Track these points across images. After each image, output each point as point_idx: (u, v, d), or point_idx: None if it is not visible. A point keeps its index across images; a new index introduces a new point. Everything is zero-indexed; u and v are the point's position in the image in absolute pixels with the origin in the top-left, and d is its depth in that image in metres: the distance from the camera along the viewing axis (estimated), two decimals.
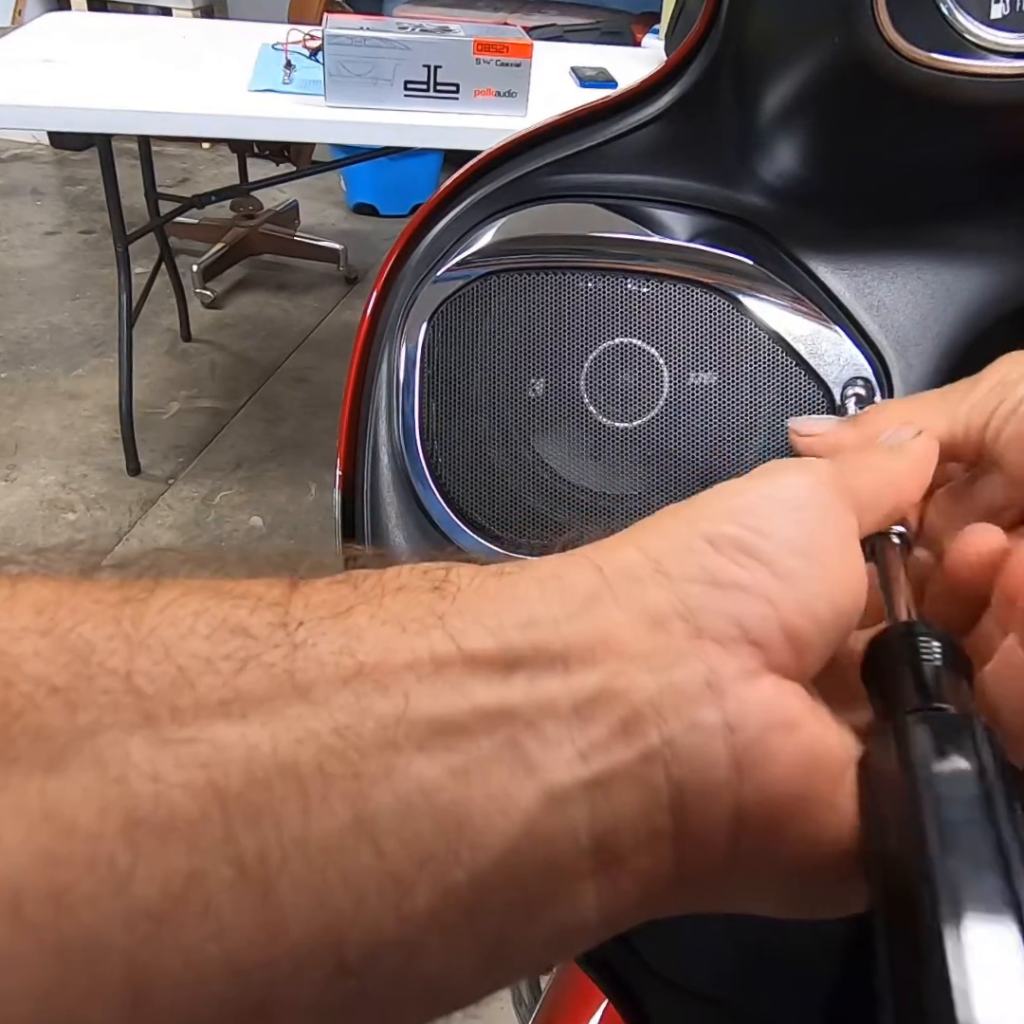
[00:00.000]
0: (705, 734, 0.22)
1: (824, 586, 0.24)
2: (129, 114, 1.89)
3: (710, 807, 0.22)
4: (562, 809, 0.21)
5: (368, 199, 3.86)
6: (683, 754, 0.22)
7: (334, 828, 0.19)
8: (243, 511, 2.36)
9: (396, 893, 0.19)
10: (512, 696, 0.21)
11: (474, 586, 0.23)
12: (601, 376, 0.42)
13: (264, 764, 0.19)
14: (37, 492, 2.35)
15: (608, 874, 0.21)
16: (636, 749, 0.21)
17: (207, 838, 0.18)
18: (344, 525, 0.43)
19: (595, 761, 0.21)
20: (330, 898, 0.19)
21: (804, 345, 0.41)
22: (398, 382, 0.42)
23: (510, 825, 0.20)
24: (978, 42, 0.34)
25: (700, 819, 0.22)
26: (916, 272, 0.42)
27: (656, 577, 0.23)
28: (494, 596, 0.23)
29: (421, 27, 1.90)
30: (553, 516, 0.42)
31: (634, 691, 0.22)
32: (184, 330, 2.97)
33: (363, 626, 0.21)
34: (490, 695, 0.21)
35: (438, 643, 0.21)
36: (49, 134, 4.09)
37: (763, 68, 0.40)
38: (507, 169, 0.44)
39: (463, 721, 0.20)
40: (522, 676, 0.21)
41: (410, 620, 0.21)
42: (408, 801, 0.19)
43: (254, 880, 0.18)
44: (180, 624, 0.20)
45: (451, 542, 0.42)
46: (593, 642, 0.22)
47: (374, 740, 0.20)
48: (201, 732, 0.19)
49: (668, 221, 0.44)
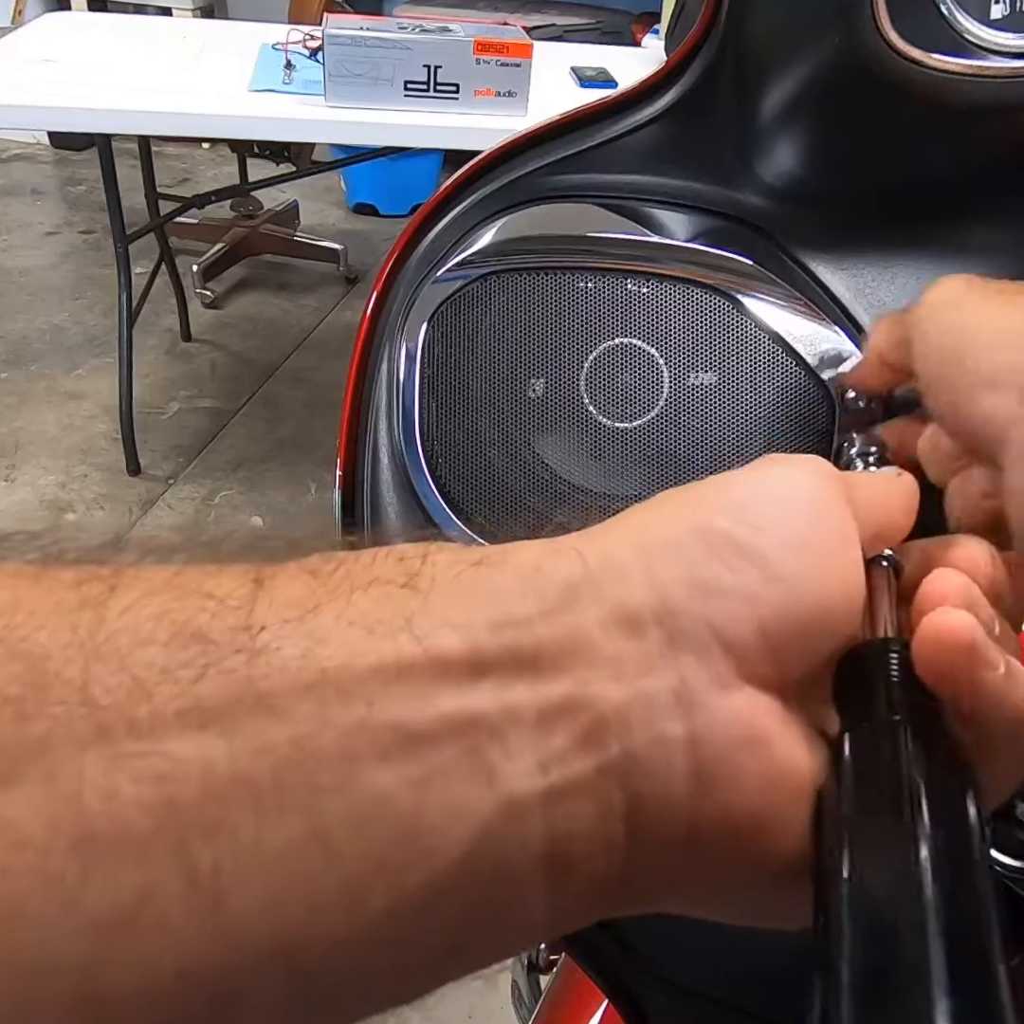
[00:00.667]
0: (668, 748, 0.22)
1: (818, 586, 0.24)
2: (129, 114, 1.89)
3: (666, 820, 0.22)
4: (518, 819, 0.20)
5: (368, 199, 3.86)
6: (643, 767, 0.21)
7: (289, 839, 0.19)
8: (243, 511, 2.36)
9: (351, 900, 0.19)
10: (479, 703, 0.21)
11: (449, 577, 0.22)
12: (601, 376, 0.42)
13: (220, 776, 0.18)
14: (37, 492, 2.35)
15: (559, 880, 0.21)
16: (595, 761, 0.21)
17: (160, 852, 0.18)
18: (344, 525, 0.43)
19: (553, 772, 0.21)
20: (284, 907, 0.19)
21: (804, 345, 0.41)
22: (398, 382, 0.42)
23: (466, 833, 0.20)
24: (978, 42, 0.34)
25: (655, 831, 0.22)
26: (916, 272, 0.42)
27: (640, 572, 0.23)
28: (469, 590, 0.22)
29: (421, 27, 1.90)
30: (553, 516, 0.42)
31: (601, 700, 0.21)
32: (184, 330, 2.97)
33: (329, 627, 0.21)
34: (456, 702, 0.21)
35: (405, 646, 0.21)
36: (49, 134, 4.09)
37: (763, 68, 0.40)
38: (507, 169, 0.44)
39: (427, 729, 0.20)
40: (490, 681, 0.21)
41: (377, 620, 0.21)
42: (365, 811, 0.19)
43: (207, 892, 0.18)
44: (139, 630, 0.19)
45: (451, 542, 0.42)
46: (566, 644, 0.22)
47: (334, 750, 0.19)
48: (157, 745, 0.18)
49: (668, 221, 0.44)
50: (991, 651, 0.23)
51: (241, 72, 2.04)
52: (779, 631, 0.23)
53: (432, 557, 0.23)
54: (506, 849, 0.21)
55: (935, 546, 0.30)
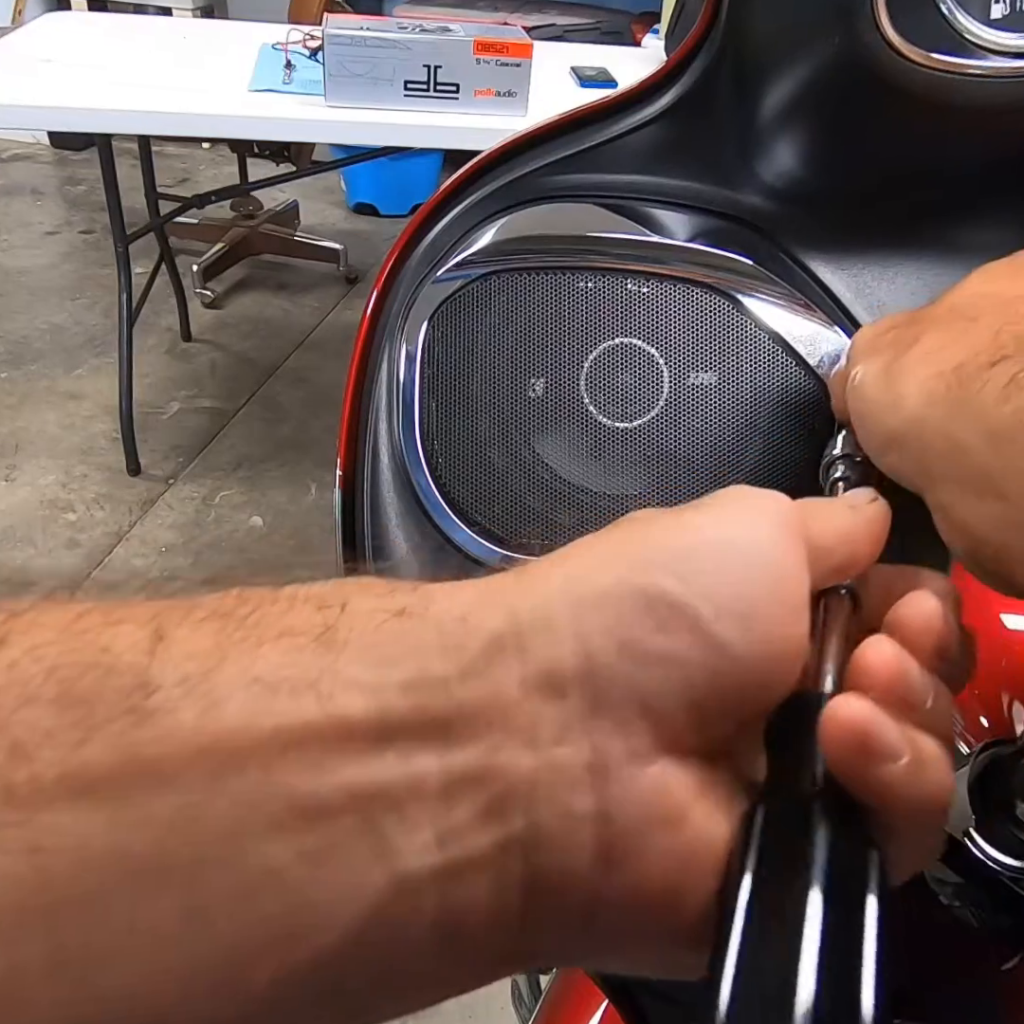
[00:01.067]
0: (574, 823, 0.21)
1: (756, 653, 0.23)
2: (129, 114, 1.89)
3: (567, 893, 0.21)
4: (411, 895, 0.20)
5: (368, 199, 3.86)
6: (546, 842, 0.21)
7: (166, 914, 0.18)
8: (243, 511, 2.36)
9: (231, 976, 0.18)
10: (381, 773, 0.20)
11: (368, 629, 0.21)
12: (601, 376, 0.42)
13: (96, 849, 0.18)
14: (37, 492, 2.35)
15: (452, 949, 0.21)
16: (496, 835, 0.21)
17: (27, 931, 0.17)
18: (344, 525, 0.43)
19: (451, 847, 0.20)
20: (156, 985, 0.18)
21: (804, 345, 0.41)
22: (398, 382, 0.42)
23: (356, 908, 0.19)
24: (978, 42, 0.34)
25: (555, 903, 0.21)
26: (916, 272, 0.42)
27: (569, 629, 0.22)
28: (387, 644, 0.21)
29: (421, 27, 1.90)
30: (553, 516, 0.42)
31: (510, 770, 0.21)
32: (184, 330, 2.97)
33: (230, 685, 0.20)
34: (357, 772, 0.20)
35: (308, 709, 0.20)
36: (49, 134, 4.09)
37: (763, 68, 0.40)
38: (507, 169, 0.44)
39: (323, 801, 0.19)
40: (396, 748, 0.20)
41: (284, 678, 0.20)
42: (253, 884, 0.19)
43: (73, 969, 0.17)
44: (28, 684, 0.18)
45: (451, 542, 0.42)
46: (482, 707, 0.21)
47: (223, 821, 0.19)
48: (33, 814, 0.17)
49: (668, 221, 0.44)
50: (891, 743, 0.22)
51: (241, 72, 2.04)
52: (709, 699, 0.22)
53: (352, 605, 0.22)
54: (397, 923, 0.20)
55: (899, 578, 0.30)
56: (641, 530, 0.25)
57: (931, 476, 0.30)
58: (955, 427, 0.28)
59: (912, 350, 0.32)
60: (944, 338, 0.31)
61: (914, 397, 0.30)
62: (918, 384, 0.30)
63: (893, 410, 0.31)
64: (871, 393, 0.33)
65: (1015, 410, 0.26)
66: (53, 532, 2.24)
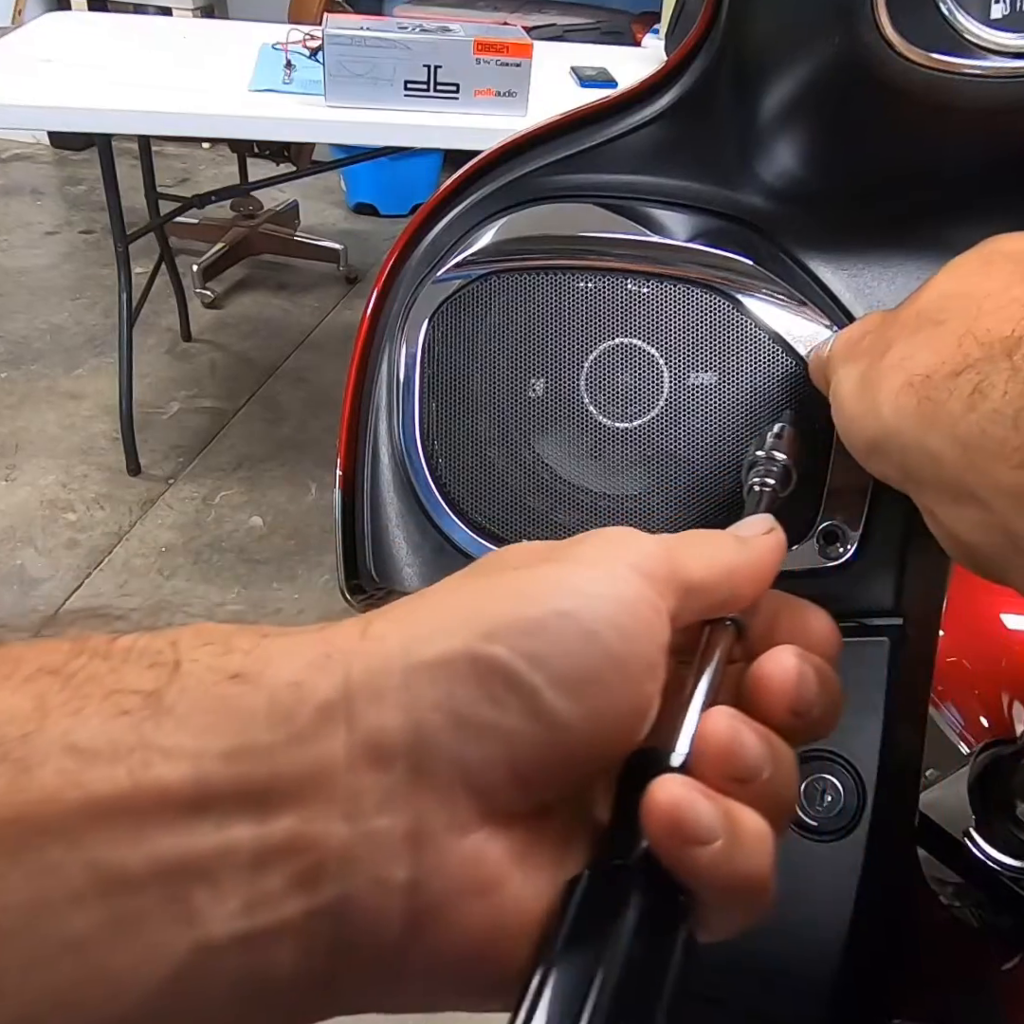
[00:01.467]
0: (386, 892, 0.21)
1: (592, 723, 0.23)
2: (129, 114, 1.89)
3: (374, 958, 0.22)
4: (214, 960, 0.20)
5: (368, 199, 3.86)
6: (357, 910, 0.21)
7: None
8: (243, 511, 2.36)
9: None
10: (192, 844, 0.20)
11: (199, 693, 0.21)
12: (601, 376, 0.42)
13: None
14: (37, 492, 2.35)
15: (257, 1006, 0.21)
16: (306, 904, 0.21)
17: None
18: (344, 525, 0.43)
19: (259, 915, 0.20)
20: None
21: (804, 345, 0.41)
22: (398, 382, 0.42)
23: (157, 973, 0.19)
24: (978, 42, 0.34)
25: (361, 966, 0.22)
26: (916, 272, 0.42)
27: (400, 696, 0.22)
28: (216, 710, 0.21)
29: (421, 27, 1.90)
30: (553, 516, 0.42)
31: (324, 841, 0.21)
32: (184, 330, 2.97)
33: (46, 752, 0.19)
34: (167, 843, 0.20)
35: (123, 779, 0.20)
36: (49, 134, 4.09)
37: (763, 68, 0.40)
38: (507, 169, 0.44)
39: (129, 872, 0.19)
40: (211, 818, 0.20)
41: (102, 746, 0.20)
42: (48, 954, 0.19)
43: None
44: None
45: (451, 542, 0.42)
46: (304, 777, 0.21)
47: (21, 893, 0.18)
48: None
49: (668, 221, 0.44)
50: (704, 826, 0.22)
51: (241, 72, 2.04)
52: (536, 769, 0.23)
53: (185, 666, 0.22)
54: (198, 985, 0.20)
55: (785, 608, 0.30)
56: (488, 592, 0.25)
57: (914, 482, 0.31)
58: (927, 438, 0.29)
59: (884, 359, 0.32)
60: (912, 345, 0.31)
61: (888, 408, 0.31)
62: (890, 395, 0.31)
63: (871, 420, 0.32)
64: (849, 403, 0.33)
65: (980, 419, 0.27)
66: (53, 532, 2.24)
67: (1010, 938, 0.44)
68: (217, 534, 2.28)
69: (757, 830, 0.23)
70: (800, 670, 0.27)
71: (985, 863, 0.45)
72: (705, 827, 0.22)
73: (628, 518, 0.42)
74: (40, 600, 2.05)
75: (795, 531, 0.41)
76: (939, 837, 0.47)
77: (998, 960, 0.44)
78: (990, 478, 0.27)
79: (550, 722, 0.22)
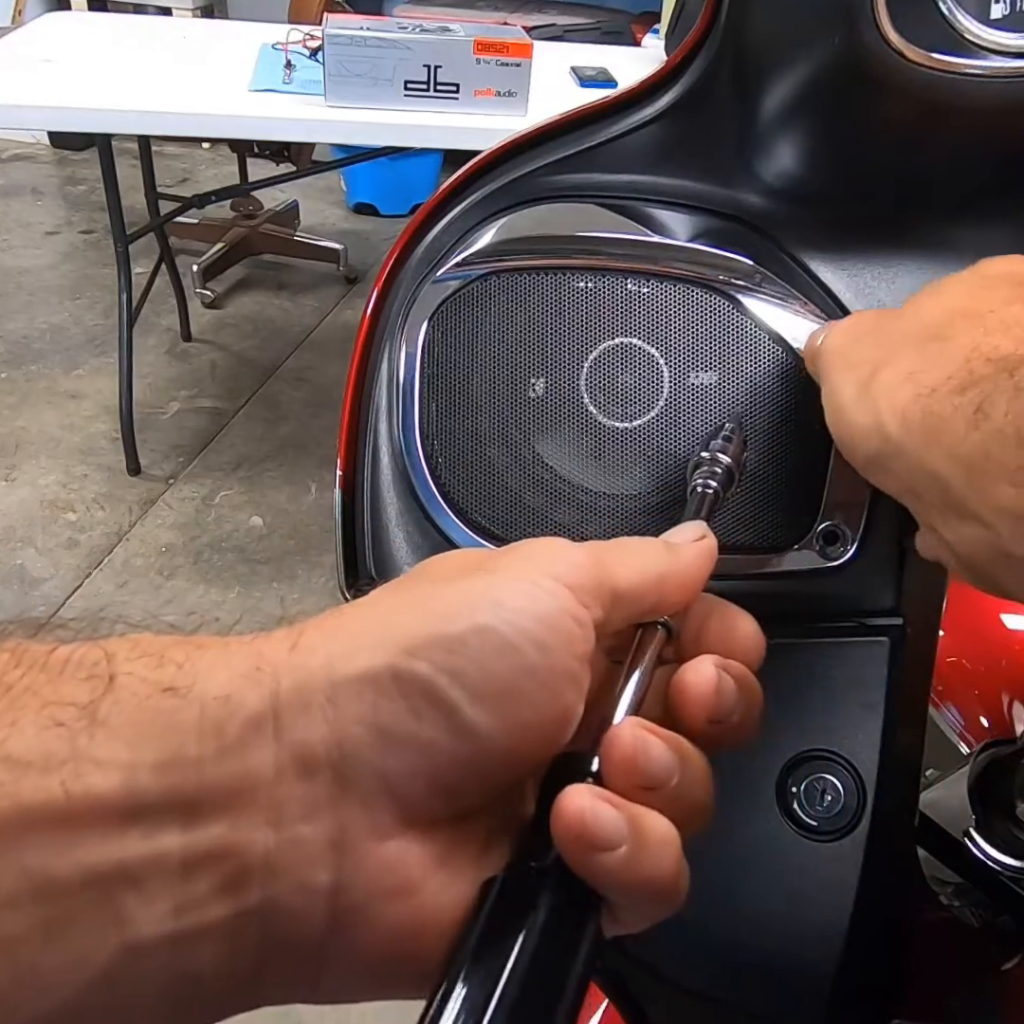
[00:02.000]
0: (310, 895, 0.22)
1: (511, 736, 0.24)
2: (129, 114, 1.89)
3: (298, 957, 0.23)
4: (142, 960, 0.21)
5: (368, 199, 3.86)
6: (282, 913, 0.22)
7: None
8: (243, 511, 2.36)
9: None
10: (123, 851, 0.21)
11: (132, 705, 0.22)
12: (601, 376, 0.42)
13: None
14: (37, 492, 2.35)
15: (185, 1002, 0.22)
16: (232, 907, 0.22)
17: None
18: (344, 525, 0.43)
19: (186, 918, 0.21)
20: None
21: (804, 345, 0.41)
22: (398, 382, 0.42)
23: (86, 974, 0.20)
24: (978, 42, 0.34)
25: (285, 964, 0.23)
26: (916, 272, 0.42)
27: (326, 710, 0.23)
28: (148, 722, 0.22)
29: (421, 27, 1.91)
30: (553, 516, 0.42)
31: (250, 848, 0.22)
32: (184, 330, 2.97)
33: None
34: (98, 851, 0.20)
35: (55, 789, 0.20)
36: (49, 134, 4.09)
37: (763, 68, 0.40)
38: (507, 169, 0.44)
39: (60, 878, 0.20)
40: (141, 827, 0.21)
41: (40, 754, 0.20)
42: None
43: None
44: None
45: (451, 542, 0.42)
46: (232, 787, 0.22)
47: None
48: None
49: (668, 221, 0.44)
50: (608, 834, 0.23)
51: (241, 72, 2.04)
52: (455, 778, 0.24)
53: (121, 678, 0.22)
54: (127, 984, 0.21)
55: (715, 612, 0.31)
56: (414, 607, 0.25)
57: (916, 497, 0.31)
58: (931, 457, 0.29)
59: (887, 370, 0.32)
60: (918, 360, 0.31)
61: (892, 424, 0.31)
62: (895, 410, 0.31)
63: (873, 434, 0.32)
64: (849, 414, 0.33)
65: (983, 438, 0.27)
66: (53, 532, 2.24)
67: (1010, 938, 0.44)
68: (217, 534, 2.28)
69: (663, 834, 0.24)
70: (718, 679, 0.28)
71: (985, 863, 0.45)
72: (609, 834, 0.23)
73: (628, 518, 0.42)
74: (40, 600, 2.05)
75: (795, 531, 0.41)
76: (939, 837, 0.47)
77: (998, 960, 0.44)
78: (991, 498, 0.27)
79: (470, 735, 0.24)
